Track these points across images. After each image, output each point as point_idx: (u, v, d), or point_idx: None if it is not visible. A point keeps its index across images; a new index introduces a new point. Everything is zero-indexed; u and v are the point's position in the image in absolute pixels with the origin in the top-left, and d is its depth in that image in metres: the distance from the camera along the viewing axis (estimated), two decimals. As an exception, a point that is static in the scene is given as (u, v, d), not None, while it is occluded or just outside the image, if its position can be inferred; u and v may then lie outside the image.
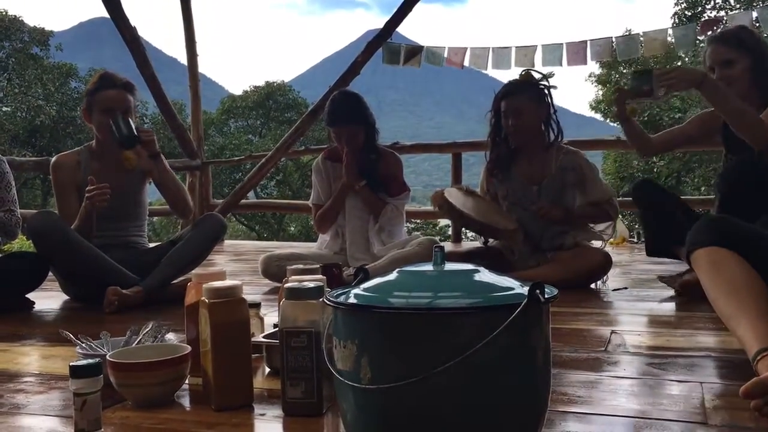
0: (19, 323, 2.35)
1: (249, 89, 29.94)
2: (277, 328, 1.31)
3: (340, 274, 2.78)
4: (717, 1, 18.13)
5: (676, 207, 2.73)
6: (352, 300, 0.98)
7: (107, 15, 5.33)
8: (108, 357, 1.33)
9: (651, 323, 2.19)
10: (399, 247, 3.03)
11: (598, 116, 21.66)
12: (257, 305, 1.74)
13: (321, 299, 1.18)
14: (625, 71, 19.36)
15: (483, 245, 3.11)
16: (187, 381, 1.40)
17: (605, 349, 1.76)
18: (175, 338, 1.81)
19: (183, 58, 6.22)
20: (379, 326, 0.93)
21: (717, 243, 1.55)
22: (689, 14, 17.97)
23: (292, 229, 25.08)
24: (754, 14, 5.39)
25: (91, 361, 1.11)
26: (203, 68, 6.30)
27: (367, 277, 1.07)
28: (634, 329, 2.06)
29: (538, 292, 0.92)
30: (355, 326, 0.96)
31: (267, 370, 1.56)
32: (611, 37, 5.61)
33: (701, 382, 1.43)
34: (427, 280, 1.01)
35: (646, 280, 3.01)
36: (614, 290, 2.78)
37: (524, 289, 0.94)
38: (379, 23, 6.07)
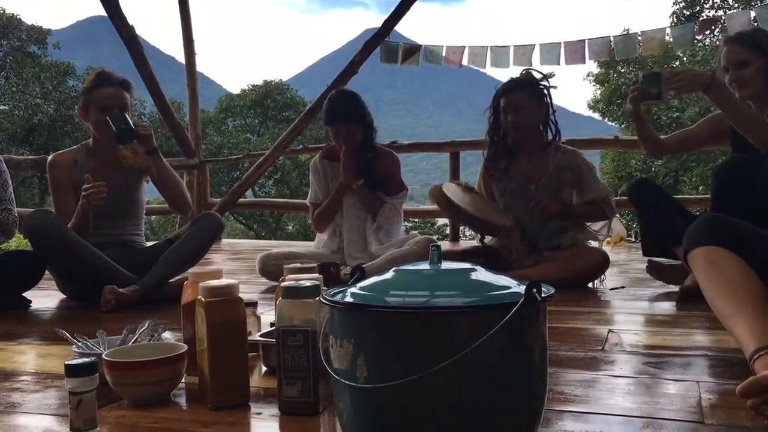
0: (15, 322, 2.34)
1: (247, 88, 29.90)
2: (274, 327, 1.31)
3: (337, 273, 2.78)
4: (715, 1, 18.14)
5: (673, 207, 2.73)
6: (348, 299, 0.98)
7: (105, 13, 5.33)
8: (104, 356, 1.33)
9: (648, 322, 2.19)
10: (396, 246, 3.03)
11: (596, 115, 21.66)
12: (254, 304, 1.74)
13: (317, 298, 1.18)
14: (623, 70, 19.37)
15: (480, 244, 3.11)
16: (183, 380, 1.40)
17: (602, 348, 1.76)
18: (172, 337, 1.81)
19: (181, 57, 6.22)
20: (375, 325, 0.93)
21: (714, 242, 1.55)
22: (687, 13, 17.98)
23: (290, 228, 25.07)
24: (753, 13, 5.39)
25: (86, 359, 1.11)
26: (201, 67, 6.30)
27: (363, 275, 1.07)
28: (631, 328, 2.06)
29: (534, 291, 0.93)
30: (352, 325, 0.96)
31: (263, 369, 1.55)
32: (609, 37, 5.61)
33: (698, 381, 1.43)
34: (424, 279, 1.01)
35: (643, 280, 3.01)
36: (612, 289, 2.78)
37: (521, 288, 0.94)
38: (378, 22, 6.06)
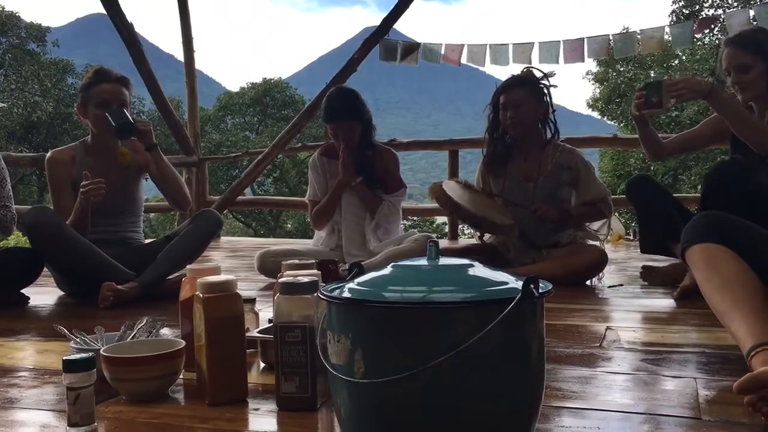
0: (14, 318, 2.34)
1: (246, 86, 29.89)
2: (272, 323, 1.31)
3: (335, 271, 2.78)
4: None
5: (671, 204, 2.73)
6: (346, 294, 0.98)
7: (104, 11, 5.32)
8: (102, 352, 1.33)
9: (646, 319, 2.19)
10: (395, 243, 3.03)
11: (595, 114, 21.67)
12: (252, 300, 1.74)
13: (315, 294, 1.18)
14: (622, 69, 19.37)
15: (479, 241, 3.11)
16: (181, 376, 1.40)
17: (600, 345, 1.76)
18: (170, 333, 1.81)
19: (180, 55, 6.22)
20: (372, 321, 0.93)
21: (712, 239, 1.56)
22: (687, 12, 17.98)
23: (288, 225, 25.08)
24: (752, 12, 5.39)
25: (83, 355, 1.11)
26: (200, 65, 6.31)
27: (361, 272, 1.07)
28: (629, 325, 2.06)
29: (532, 287, 0.93)
30: (349, 321, 0.96)
31: (261, 365, 1.56)
32: (608, 35, 5.60)
33: (695, 378, 1.43)
34: (422, 275, 1.01)
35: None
36: (610, 287, 2.78)
37: (518, 284, 0.94)
38: (377, 20, 6.06)
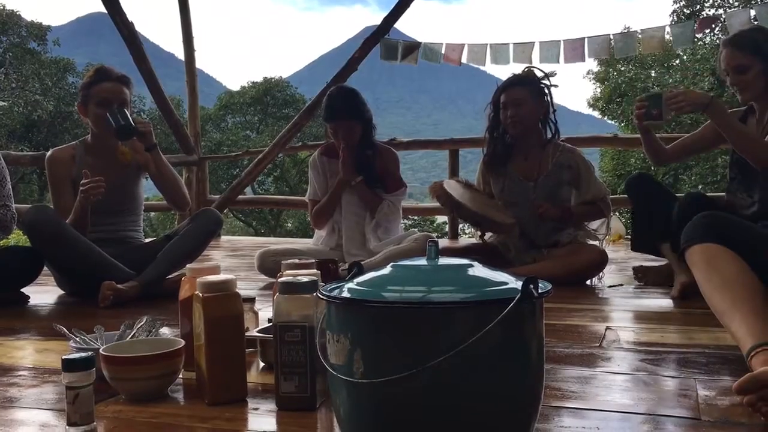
0: (13, 317, 2.34)
1: (246, 85, 29.89)
2: (271, 323, 1.31)
3: (335, 270, 2.78)
4: (716, -1, 18.12)
5: (672, 203, 2.72)
6: (345, 294, 0.98)
7: (105, 10, 5.31)
8: (101, 351, 1.33)
9: (645, 319, 2.19)
10: (395, 243, 3.03)
11: (596, 113, 21.64)
12: (251, 300, 1.74)
13: (315, 294, 1.18)
14: (623, 69, 19.34)
15: (480, 241, 3.11)
16: (180, 375, 1.40)
17: (600, 345, 1.76)
18: (170, 333, 1.81)
19: (180, 54, 6.21)
20: (372, 320, 0.93)
21: (712, 239, 1.56)
22: (688, 12, 17.96)
23: (289, 225, 25.06)
24: (752, 12, 5.38)
25: (83, 354, 1.11)
26: (201, 64, 6.31)
27: (361, 271, 1.07)
28: (628, 325, 2.06)
29: (531, 287, 0.93)
30: (348, 320, 0.96)
31: (261, 364, 1.56)
32: (609, 35, 5.59)
33: (695, 378, 1.43)
34: (421, 275, 1.01)
35: (641, 277, 3.01)
36: (610, 287, 2.78)
37: (518, 284, 0.94)
38: (378, 19, 6.06)
